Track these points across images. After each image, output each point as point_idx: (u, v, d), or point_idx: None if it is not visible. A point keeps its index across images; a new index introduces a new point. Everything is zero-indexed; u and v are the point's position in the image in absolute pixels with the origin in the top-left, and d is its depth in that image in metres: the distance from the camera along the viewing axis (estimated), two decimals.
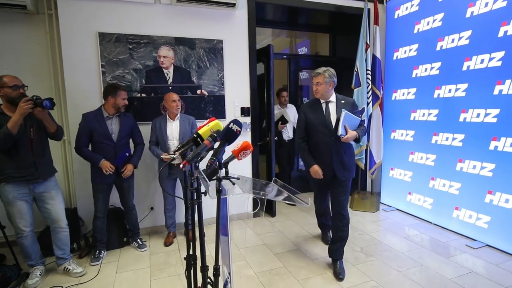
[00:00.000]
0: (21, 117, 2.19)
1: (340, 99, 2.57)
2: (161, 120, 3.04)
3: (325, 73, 2.46)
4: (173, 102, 2.96)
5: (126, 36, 3.14)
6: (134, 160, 2.94)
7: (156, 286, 2.44)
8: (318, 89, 2.51)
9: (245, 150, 1.37)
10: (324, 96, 2.54)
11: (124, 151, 2.86)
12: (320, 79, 2.46)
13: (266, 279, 2.49)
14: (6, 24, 2.98)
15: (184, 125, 3.05)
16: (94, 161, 2.75)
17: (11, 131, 2.17)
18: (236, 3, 3.32)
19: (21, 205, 2.39)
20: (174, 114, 3.02)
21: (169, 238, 3.23)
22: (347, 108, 2.44)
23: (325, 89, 2.49)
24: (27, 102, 2.18)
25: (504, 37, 2.74)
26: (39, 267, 2.58)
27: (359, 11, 3.95)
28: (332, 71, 2.51)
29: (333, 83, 2.51)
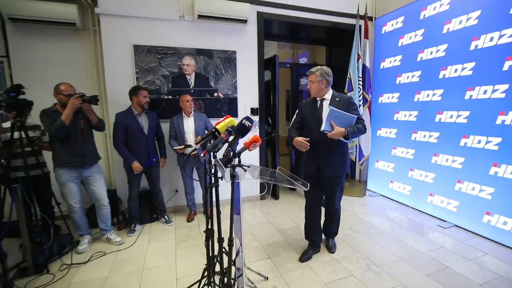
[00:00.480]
0: (71, 111, 2.26)
1: (335, 97, 2.24)
2: (178, 117, 3.04)
3: (317, 71, 2.20)
4: (187, 102, 2.98)
5: (156, 47, 3.17)
6: (163, 153, 3.01)
7: (180, 254, 2.51)
8: (311, 87, 2.25)
9: (255, 143, 1.40)
10: (318, 94, 2.25)
11: (152, 156, 2.92)
12: (313, 78, 2.22)
13: (270, 250, 2.55)
14: (60, 39, 3.04)
15: (198, 121, 3.05)
16: (127, 160, 2.80)
17: (64, 123, 2.25)
18: (247, 20, 3.32)
19: (72, 186, 2.48)
20: (188, 112, 3.03)
21: (190, 216, 3.28)
22: (340, 106, 2.14)
23: (318, 87, 2.21)
24: (77, 98, 2.25)
25: (474, 50, 2.71)
26: (87, 236, 2.68)
27: (351, 27, 3.91)
28: (326, 69, 2.21)
29: (326, 81, 2.20)
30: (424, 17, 3.25)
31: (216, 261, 1.83)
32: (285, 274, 2.17)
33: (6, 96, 2.10)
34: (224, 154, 1.29)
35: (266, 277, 2.12)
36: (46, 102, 2.46)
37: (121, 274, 2.22)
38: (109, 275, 2.21)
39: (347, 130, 2.05)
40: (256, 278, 2.11)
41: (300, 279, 2.11)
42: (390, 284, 2.03)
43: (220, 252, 1.62)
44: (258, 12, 3.51)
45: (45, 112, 2.35)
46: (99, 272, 2.26)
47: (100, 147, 3.21)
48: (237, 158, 1.35)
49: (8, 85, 2.98)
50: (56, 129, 2.26)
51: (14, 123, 2.19)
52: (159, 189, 3.14)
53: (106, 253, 2.53)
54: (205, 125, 3.08)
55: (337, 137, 2.06)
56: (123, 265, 2.35)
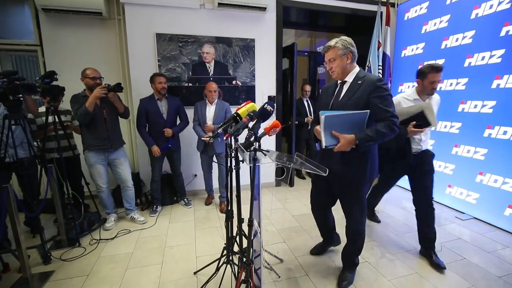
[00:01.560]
0: (95, 99, 2.36)
1: (358, 78, 1.59)
2: (202, 104, 3.02)
3: (337, 43, 1.58)
4: (209, 92, 2.91)
5: (177, 36, 3.19)
6: (175, 129, 2.97)
7: (199, 235, 2.59)
8: (333, 67, 1.62)
9: (275, 128, 1.39)
10: (344, 75, 1.63)
11: (169, 142, 2.93)
12: (333, 53, 1.59)
13: (285, 235, 2.58)
14: (87, 28, 3.13)
15: (218, 109, 2.98)
16: (147, 143, 2.88)
17: (87, 109, 2.35)
18: (266, 8, 3.26)
19: (99, 168, 2.60)
20: (211, 100, 3.00)
21: (208, 199, 3.34)
22: (359, 92, 1.54)
23: (342, 65, 1.59)
24: (102, 88, 2.34)
25: (505, 36, 2.53)
26: (113, 214, 2.81)
27: (372, 14, 3.75)
28: (348, 39, 1.60)
29: (351, 55, 1.59)
30: (450, 2, 3.06)
31: (234, 241, 1.88)
32: (299, 258, 2.20)
33: (41, 83, 2.21)
34: (247, 137, 1.30)
35: (281, 259, 2.16)
36: (76, 88, 2.56)
37: (145, 250, 2.34)
38: (134, 251, 2.32)
39: (358, 138, 1.46)
40: (272, 260, 2.15)
41: (314, 263, 2.14)
42: (405, 271, 2.02)
43: (239, 232, 1.66)
44: (277, 0, 3.43)
45: (74, 97, 2.46)
46: (124, 247, 2.38)
47: (125, 132, 3.33)
48: (258, 142, 1.35)
49: (41, 72, 3.12)
50: (80, 115, 2.37)
51: (48, 107, 2.30)
52: (179, 172, 3.22)
53: (130, 231, 2.66)
54: (224, 114, 3.01)
55: (347, 148, 1.49)
56: (146, 243, 2.46)
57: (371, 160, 1.63)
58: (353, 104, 1.56)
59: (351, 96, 1.58)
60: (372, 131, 1.47)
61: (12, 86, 1.97)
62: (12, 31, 3.18)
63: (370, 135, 1.46)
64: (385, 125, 1.47)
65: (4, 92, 1.96)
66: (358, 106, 1.54)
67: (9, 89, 1.97)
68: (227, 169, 1.68)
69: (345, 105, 1.58)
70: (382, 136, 1.47)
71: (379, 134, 1.46)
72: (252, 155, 1.31)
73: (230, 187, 1.79)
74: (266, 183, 3.92)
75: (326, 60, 1.65)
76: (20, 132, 2.23)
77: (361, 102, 1.54)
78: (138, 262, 2.16)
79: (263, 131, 1.43)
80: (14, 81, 1.98)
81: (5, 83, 1.97)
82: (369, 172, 1.63)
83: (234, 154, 1.55)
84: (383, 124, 1.47)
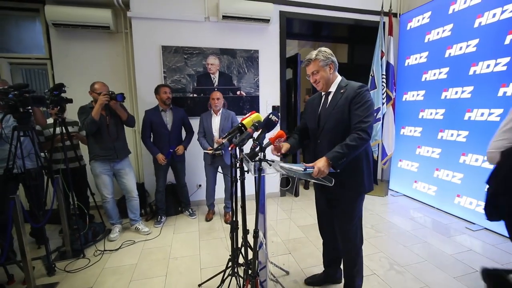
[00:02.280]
0: (100, 107, 2.40)
1: (340, 87, 1.56)
2: (207, 115, 3.01)
3: (318, 55, 1.54)
4: (213, 99, 2.91)
5: (182, 48, 3.25)
6: (184, 143, 3.03)
7: (203, 246, 2.56)
8: (317, 79, 1.57)
9: (279, 138, 1.40)
10: (328, 86, 1.60)
11: (171, 147, 2.93)
12: (315, 66, 1.55)
13: (291, 246, 2.54)
14: (95, 41, 3.22)
15: (223, 119, 2.96)
16: (153, 153, 2.90)
17: (94, 118, 2.39)
18: (270, 19, 3.32)
19: (105, 178, 2.61)
20: (216, 109, 2.97)
21: (209, 215, 3.18)
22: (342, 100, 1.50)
23: (326, 76, 1.56)
24: (105, 95, 2.38)
25: (510, 44, 2.52)
26: (118, 225, 2.80)
27: (375, 24, 3.79)
28: (327, 50, 1.58)
29: (333, 64, 1.56)
30: (453, 11, 3.08)
31: (239, 253, 1.85)
32: (306, 270, 2.15)
33: (50, 94, 2.25)
34: (252, 147, 1.30)
35: (287, 271, 2.12)
36: (84, 99, 2.61)
37: (149, 261, 2.31)
38: (138, 262, 2.30)
39: (330, 158, 1.37)
40: (278, 272, 2.11)
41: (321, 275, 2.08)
42: (415, 284, 1.96)
43: (245, 243, 1.64)
44: (280, 12, 3.50)
45: (82, 109, 2.51)
46: (129, 259, 2.36)
47: (130, 143, 3.36)
48: (263, 152, 1.35)
49: (51, 85, 3.19)
50: (87, 124, 2.41)
51: (56, 119, 2.34)
52: (184, 183, 3.21)
53: (135, 241, 2.64)
54: (231, 123, 2.97)
55: (325, 171, 1.36)
56: (151, 254, 2.44)
57: (363, 173, 1.55)
58: (338, 113, 1.52)
59: (335, 105, 1.54)
60: (342, 147, 1.39)
61: (23, 99, 2.02)
62: (23, 45, 3.29)
63: (341, 152, 1.37)
64: (354, 137, 1.40)
65: (15, 104, 2.00)
66: (343, 114, 1.51)
67: (20, 101, 2.01)
68: (232, 180, 1.67)
69: (331, 114, 1.55)
70: (353, 149, 1.38)
71: (349, 148, 1.36)
72: (257, 165, 1.31)
73: (235, 197, 1.78)
74: (271, 193, 3.89)
75: (309, 73, 1.61)
76: (29, 143, 2.26)
77: (345, 109, 1.50)
78: (142, 274, 2.13)
79: (268, 141, 1.43)
80: (24, 94, 2.03)
81: (16, 95, 2.01)
82: (362, 184, 1.55)
83: (239, 164, 1.55)
84: (352, 137, 1.40)
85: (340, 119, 1.51)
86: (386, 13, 3.75)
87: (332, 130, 1.55)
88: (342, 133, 1.48)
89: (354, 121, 1.45)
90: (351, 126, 1.47)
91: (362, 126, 1.42)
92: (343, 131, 1.49)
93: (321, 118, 1.61)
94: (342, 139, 1.43)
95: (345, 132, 1.48)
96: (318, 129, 1.61)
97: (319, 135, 1.61)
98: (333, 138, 1.52)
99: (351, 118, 1.48)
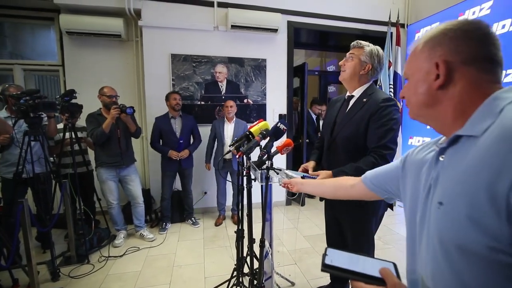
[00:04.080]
0: (112, 120, 2.44)
1: (365, 95, 1.39)
2: (219, 122, 3.08)
3: (367, 48, 1.38)
4: (226, 107, 3.01)
5: (191, 56, 3.30)
6: (190, 148, 3.03)
7: (208, 254, 2.54)
8: (345, 65, 1.42)
9: (287, 146, 1.38)
10: (350, 82, 1.44)
11: (179, 143, 2.95)
12: (357, 52, 1.40)
13: (296, 256, 2.49)
14: (107, 49, 3.29)
15: (237, 127, 3.04)
16: (164, 152, 2.91)
17: (104, 131, 2.43)
18: (278, 29, 3.36)
19: (111, 184, 2.63)
20: (230, 117, 3.05)
21: (219, 220, 3.24)
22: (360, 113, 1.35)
23: (355, 70, 1.39)
24: (115, 109, 2.42)
25: None
26: (123, 231, 2.80)
27: (382, 34, 3.80)
28: (380, 51, 1.40)
29: (371, 67, 1.38)
30: None
31: (244, 262, 1.83)
32: (311, 281, 2.10)
33: (61, 100, 2.30)
34: (260, 156, 1.29)
35: (293, 282, 2.07)
36: (94, 106, 2.65)
37: (153, 269, 2.29)
38: (142, 269, 2.28)
39: (334, 174, 1.31)
40: (283, 283, 2.07)
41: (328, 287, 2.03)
42: None
43: (251, 253, 1.61)
44: (288, 22, 3.54)
45: (90, 117, 2.55)
46: (133, 265, 2.34)
47: (138, 149, 3.39)
48: (270, 160, 1.34)
49: (62, 91, 3.26)
50: (97, 135, 2.45)
51: (66, 124, 2.38)
52: (189, 190, 3.20)
53: (139, 248, 2.63)
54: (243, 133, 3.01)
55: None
56: (155, 261, 2.42)
57: None
58: (353, 125, 1.37)
59: (353, 115, 1.39)
60: (352, 168, 1.26)
61: (34, 104, 2.06)
62: (37, 52, 3.39)
63: (348, 173, 1.23)
64: (370, 161, 1.25)
65: (26, 109, 2.04)
66: (359, 128, 1.34)
67: (31, 106, 2.06)
68: (239, 188, 1.66)
69: (348, 123, 1.41)
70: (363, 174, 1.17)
71: (359, 172, 1.02)
72: (264, 174, 1.30)
73: (242, 206, 1.76)
74: (277, 201, 3.85)
75: (347, 55, 1.44)
76: (39, 149, 2.30)
77: (362, 123, 1.33)
78: (146, 282, 2.11)
79: (275, 149, 1.42)
80: (36, 99, 2.07)
81: (28, 101, 2.06)
82: (373, 206, 1.42)
83: (246, 172, 1.54)
84: (368, 160, 1.26)
85: (353, 133, 1.37)
86: (394, 23, 3.76)
87: (341, 142, 1.42)
88: (352, 150, 1.37)
89: (374, 142, 1.29)
90: (368, 146, 1.31)
91: (384, 153, 1.25)
92: (353, 148, 1.37)
93: (336, 125, 1.48)
94: (349, 156, 1.34)
95: (355, 149, 1.36)
96: (330, 138, 1.50)
97: (329, 144, 1.51)
98: (341, 151, 1.42)
99: (369, 136, 1.32)
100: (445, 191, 0.51)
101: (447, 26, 0.56)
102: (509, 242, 0.39)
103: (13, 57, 3.44)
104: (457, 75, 0.53)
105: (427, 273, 0.54)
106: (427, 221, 0.55)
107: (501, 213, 0.40)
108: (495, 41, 0.53)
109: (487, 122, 0.46)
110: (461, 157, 0.50)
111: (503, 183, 0.40)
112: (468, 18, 2.27)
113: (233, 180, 3.10)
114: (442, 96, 0.55)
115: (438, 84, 0.55)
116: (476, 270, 0.44)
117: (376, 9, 3.82)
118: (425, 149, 0.65)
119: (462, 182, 0.47)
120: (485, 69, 0.52)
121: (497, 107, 0.47)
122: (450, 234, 0.47)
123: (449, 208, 0.48)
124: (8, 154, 2.29)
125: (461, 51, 0.53)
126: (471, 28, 0.53)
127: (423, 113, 0.61)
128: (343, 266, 0.58)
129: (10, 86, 2.29)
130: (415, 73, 0.61)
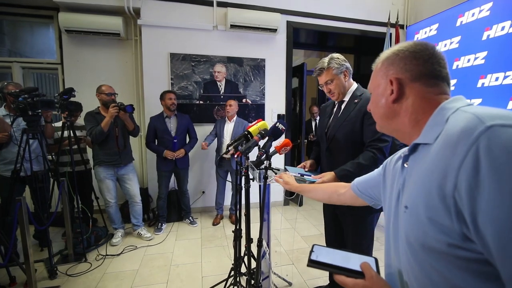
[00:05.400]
0: (110, 119, 2.43)
1: (355, 97, 1.47)
2: (221, 121, 3.13)
3: (331, 63, 1.45)
4: (225, 106, 3.06)
5: (190, 55, 3.31)
6: (186, 147, 3.02)
7: (205, 253, 2.54)
8: (331, 90, 1.48)
9: (285, 146, 1.38)
10: (343, 95, 1.51)
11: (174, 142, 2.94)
12: (328, 75, 1.45)
13: (294, 256, 2.50)
14: (105, 48, 3.29)
15: (237, 127, 3.06)
16: (159, 152, 2.91)
17: (103, 129, 2.42)
18: (277, 29, 3.37)
19: (109, 183, 2.63)
20: (229, 116, 3.08)
21: (217, 219, 3.25)
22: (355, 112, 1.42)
23: (341, 84, 1.46)
24: (114, 107, 2.41)
25: None
26: (120, 230, 2.80)
27: (381, 35, 3.81)
28: (340, 56, 1.49)
29: (347, 71, 1.47)
30: (461, 23, 3.09)
31: (242, 262, 1.83)
32: (309, 282, 2.12)
33: (60, 98, 2.30)
34: (258, 155, 1.30)
35: (290, 282, 2.08)
36: (93, 104, 2.66)
37: (150, 268, 2.30)
38: (139, 268, 2.29)
39: (338, 176, 1.34)
40: (280, 283, 2.08)
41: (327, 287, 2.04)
42: None
43: (248, 253, 1.62)
44: (288, 22, 3.55)
45: (88, 115, 2.55)
46: (130, 264, 2.35)
47: (136, 148, 3.39)
48: (269, 160, 1.35)
49: (61, 89, 3.26)
50: (96, 134, 2.45)
51: (64, 122, 2.38)
52: (185, 189, 3.20)
53: (137, 247, 2.63)
54: (243, 131, 3.01)
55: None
56: (152, 260, 2.42)
57: None
58: (348, 125, 1.45)
59: (346, 117, 1.47)
60: (353, 166, 1.34)
61: (32, 102, 2.06)
62: (36, 50, 3.39)
63: (351, 171, 1.32)
64: (368, 156, 1.34)
65: (24, 107, 2.04)
66: (354, 127, 1.43)
67: (29, 104, 2.06)
68: (237, 187, 1.67)
69: (341, 126, 1.48)
70: (365, 169, 1.20)
71: (361, 168, 1.23)
72: (262, 174, 1.31)
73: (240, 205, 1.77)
74: (274, 201, 3.86)
75: (322, 83, 1.51)
76: (37, 147, 2.30)
77: (357, 122, 1.42)
78: (143, 280, 2.12)
79: (274, 149, 1.43)
80: (34, 97, 2.07)
81: (26, 98, 2.06)
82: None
83: (244, 172, 1.55)
84: (367, 155, 1.35)
85: (349, 132, 1.44)
86: (393, 24, 3.77)
87: (339, 143, 1.48)
88: (351, 148, 1.43)
89: (369, 137, 1.37)
90: (365, 142, 1.39)
91: (379, 145, 1.34)
92: (352, 146, 1.43)
93: (329, 129, 1.54)
94: (350, 154, 1.39)
95: (354, 147, 1.42)
96: (326, 141, 1.56)
97: (326, 146, 1.56)
98: (339, 152, 1.47)
99: (364, 133, 1.40)
100: (410, 196, 0.56)
101: (400, 48, 0.64)
102: (462, 238, 0.45)
103: (12, 55, 3.43)
104: (408, 90, 0.61)
105: (402, 270, 0.61)
106: (399, 224, 0.60)
107: (451, 211, 0.45)
108: (440, 60, 0.60)
109: (437, 130, 0.53)
110: (420, 163, 0.56)
111: (449, 184, 0.45)
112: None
113: (233, 180, 3.10)
114: (399, 109, 0.63)
115: (393, 98, 0.63)
116: (440, 266, 0.49)
117: (375, 10, 3.84)
118: (399, 157, 0.71)
119: (420, 185, 0.53)
120: (431, 84, 0.59)
121: (444, 116, 0.54)
122: (415, 234, 0.53)
123: (413, 211, 0.54)
124: (6, 152, 2.29)
125: (409, 69, 0.61)
126: (417, 49, 0.61)
127: (386, 125, 0.69)
128: (327, 261, 0.62)
129: (9, 84, 2.29)
130: (375, 89, 0.70)
